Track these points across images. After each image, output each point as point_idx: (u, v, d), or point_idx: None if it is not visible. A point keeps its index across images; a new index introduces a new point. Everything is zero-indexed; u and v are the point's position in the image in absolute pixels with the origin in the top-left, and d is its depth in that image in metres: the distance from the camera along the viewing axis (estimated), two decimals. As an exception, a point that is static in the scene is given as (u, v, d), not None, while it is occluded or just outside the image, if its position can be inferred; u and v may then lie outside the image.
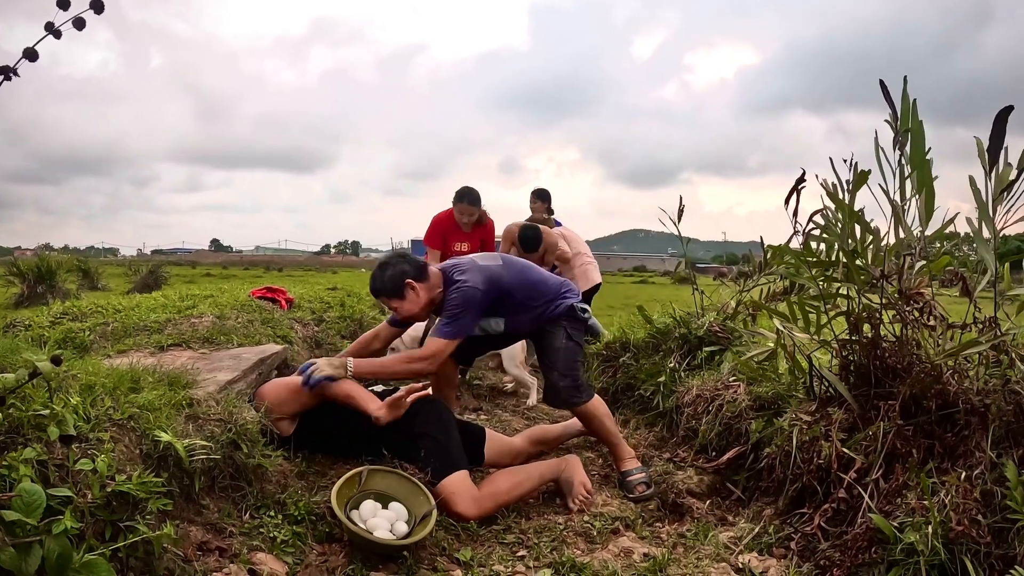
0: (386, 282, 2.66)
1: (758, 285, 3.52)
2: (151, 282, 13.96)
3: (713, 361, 3.36)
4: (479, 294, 2.64)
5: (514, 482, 2.52)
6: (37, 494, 1.18)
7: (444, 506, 2.29)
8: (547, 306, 2.82)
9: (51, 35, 1.31)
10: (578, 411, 2.82)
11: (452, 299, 2.64)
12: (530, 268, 2.93)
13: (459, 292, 2.64)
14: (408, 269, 2.67)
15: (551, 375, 2.81)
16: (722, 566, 1.97)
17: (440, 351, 2.61)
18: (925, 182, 2.13)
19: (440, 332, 2.62)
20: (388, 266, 2.69)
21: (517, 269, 2.85)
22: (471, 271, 2.70)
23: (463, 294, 2.63)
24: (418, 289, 2.67)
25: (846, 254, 2.24)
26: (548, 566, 2.00)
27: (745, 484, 2.52)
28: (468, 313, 2.64)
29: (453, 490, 2.33)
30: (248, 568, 1.71)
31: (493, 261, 2.83)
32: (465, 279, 2.66)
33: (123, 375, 1.93)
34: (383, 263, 2.74)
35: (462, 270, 2.71)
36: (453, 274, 2.72)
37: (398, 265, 2.68)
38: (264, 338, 3.36)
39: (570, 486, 2.55)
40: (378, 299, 2.82)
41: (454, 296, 2.64)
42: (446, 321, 2.64)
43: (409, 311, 2.71)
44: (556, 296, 2.85)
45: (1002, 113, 1.89)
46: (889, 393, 2.14)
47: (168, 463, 1.70)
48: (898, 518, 1.73)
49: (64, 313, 3.59)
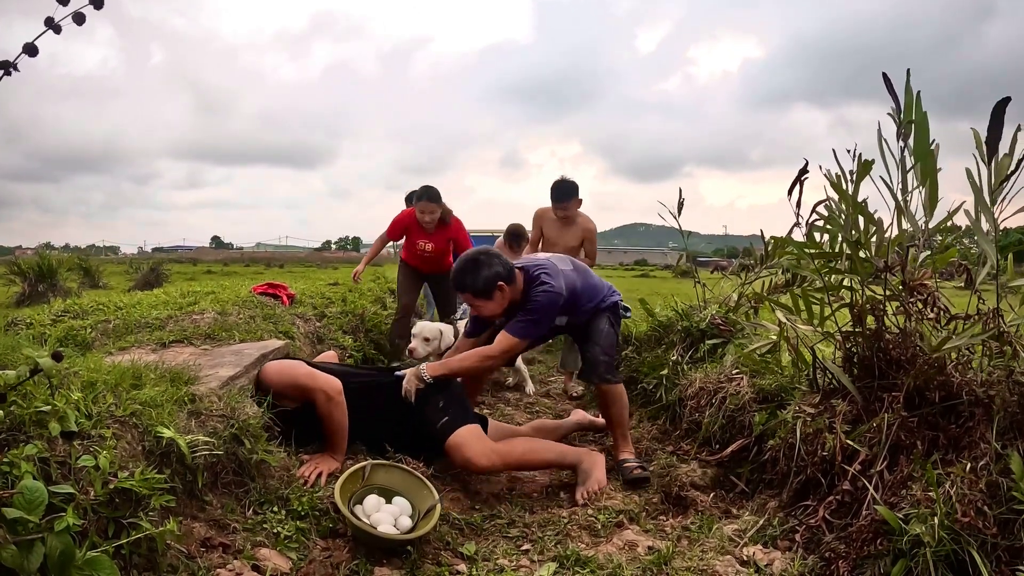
0: (479, 283, 2.65)
1: (760, 277, 3.51)
2: (152, 280, 13.98)
3: (716, 354, 3.36)
4: (561, 299, 2.72)
5: (529, 448, 2.57)
6: (39, 491, 1.17)
7: (455, 452, 2.40)
8: (600, 303, 2.95)
9: (51, 30, 1.30)
10: (607, 389, 2.88)
11: (537, 300, 2.68)
12: (589, 272, 3.05)
13: (545, 295, 2.68)
14: (502, 272, 2.66)
15: (593, 350, 2.90)
16: (727, 559, 1.97)
17: (513, 348, 2.70)
18: (928, 173, 2.11)
19: (517, 330, 2.67)
20: (483, 266, 2.66)
21: (582, 272, 2.96)
22: (555, 275, 2.74)
23: (549, 298, 2.68)
24: (506, 291, 2.69)
25: (850, 245, 2.23)
26: (552, 560, 2.00)
27: (749, 477, 2.51)
28: (549, 316, 2.73)
29: (465, 438, 2.41)
30: (252, 564, 1.71)
31: (567, 265, 2.91)
32: (549, 283, 2.70)
33: (125, 372, 1.92)
34: (475, 260, 2.69)
35: (547, 272, 2.74)
36: (539, 274, 2.73)
37: (493, 267, 2.66)
38: (266, 334, 3.35)
39: (586, 477, 2.57)
40: (461, 294, 2.82)
41: (540, 297, 2.68)
42: (526, 321, 2.68)
43: (492, 311, 2.75)
44: (607, 295, 3.02)
45: (1000, 104, 1.88)
46: (893, 385, 2.13)
47: (171, 459, 1.69)
48: (903, 510, 1.72)
49: (65, 311, 3.58)
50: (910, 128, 2.13)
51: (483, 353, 2.69)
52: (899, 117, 2.15)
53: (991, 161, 1.91)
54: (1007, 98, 1.88)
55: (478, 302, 2.71)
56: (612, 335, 2.97)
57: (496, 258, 2.70)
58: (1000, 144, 1.89)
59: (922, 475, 1.78)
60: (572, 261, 3.02)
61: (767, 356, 2.93)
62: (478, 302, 2.71)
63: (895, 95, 2.16)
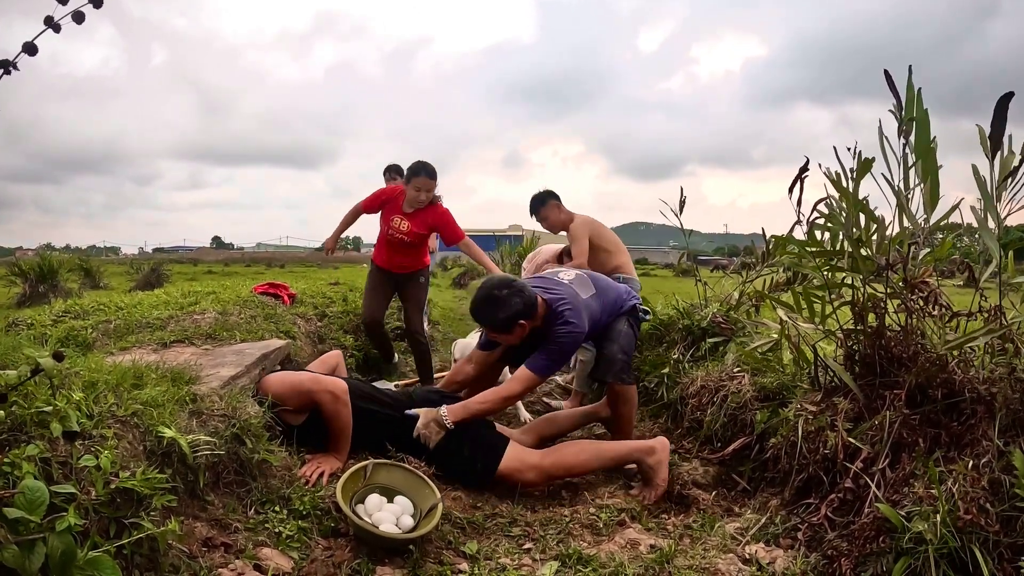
0: (499, 321, 2.63)
1: (761, 276, 3.51)
2: (153, 280, 13.99)
3: (717, 352, 3.36)
4: (582, 338, 2.72)
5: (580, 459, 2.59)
6: (40, 491, 1.17)
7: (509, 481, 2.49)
8: (619, 311, 2.96)
9: (50, 29, 1.29)
10: (620, 389, 2.87)
11: (561, 341, 2.64)
12: (609, 287, 3.02)
13: (568, 336, 2.65)
14: (522, 310, 2.61)
15: (611, 348, 2.88)
16: (729, 557, 1.97)
17: (531, 385, 2.71)
18: (930, 170, 2.11)
19: (537, 368, 2.63)
20: (502, 305, 2.61)
21: (602, 291, 2.94)
22: (578, 312, 2.69)
23: (572, 340, 2.67)
24: (527, 327, 2.67)
25: (851, 243, 2.23)
26: (554, 558, 2.00)
27: (751, 475, 2.51)
28: (569, 355, 2.76)
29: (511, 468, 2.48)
30: (254, 563, 1.71)
31: (587, 291, 2.88)
32: (574, 323, 2.65)
33: (126, 372, 1.92)
34: (495, 298, 2.62)
35: (570, 309, 2.68)
36: (562, 310, 2.68)
37: (514, 306, 2.60)
38: (267, 333, 3.35)
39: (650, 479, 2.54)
40: (480, 325, 2.83)
41: (564, 339, 2.64)
42: (547, 360, 2.64)
43: (510, 343, 2.76)
44: (625, 300, 3.01)
45: (1003, 100, 1.88)
46: (895, 382, 2.13)
47: (172, 459, 1.69)
48: (905, 507, 1.72)
49: (66, 311, 3.58)
50: (911, 125, 2.13)
51: (503, 394, 2.64)
52: (900, 114, 2.15)
53: (995, 157, 1.91)
54: (1010, 93, 1.87)
55: (499, 336, 2.73)
56: (631, 336, 2.96)
57: (518, 294, 2.63)
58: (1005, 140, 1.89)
59: (924, 473, 1.78)
60: (593, 281, 2.97)
61: (768, 354, 2.93)
62: (499, 336, 2.73)
63: (896, 92, 2.15)
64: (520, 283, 2.69)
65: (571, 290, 2.79)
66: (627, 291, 3.09)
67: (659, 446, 2.57)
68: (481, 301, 2.67)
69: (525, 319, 2.63)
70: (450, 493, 2.42)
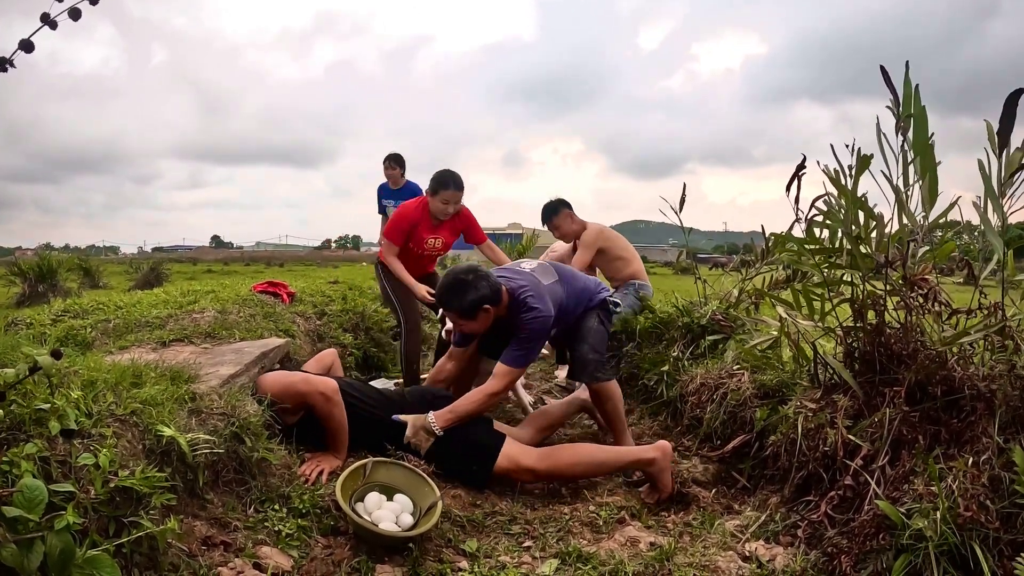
0: (464, 304, 2.66)
1: (760, 273, 3.51)
2: (152, 279, 13.98)
3: (716, 350, 3.35)
4: (550, 321, 2.72)
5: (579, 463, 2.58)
6: (39, 490, 1.17)
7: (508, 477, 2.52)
8: (588, 303, 2.97)
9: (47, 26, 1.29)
10: (598, 387, 2.88)
11: (529, 328, 2.67)
12: (576, 276, 3.04)
13: (535, 322, 2.67)
14: (488, 295, 2.66)
15: (582, 348, 2.89)
16: (729, 554, 1.97)
17: (512, 379, 2.70)
18: (928, 167, 2.11)
19: (512, 360, 2.67)
20: (469, 288, 2.64)
21: (567, 278, 2.96)
22: (540, 297, 2.72)
23: (540, 324, 2.69)
24: (491, 313, 2.70)
25: (850, 240, 2.23)
26: (554, 556, 2.00)
27: (750, 472, 2.51)
28: (542, 340, 2.75)
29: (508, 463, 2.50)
30: (253, 562, 1.71)
31: (550, 277, 2.89)
32: (538, 308, 2.68)
33: (125, 371, 1.92)
34: (462, 282, 2.67)
35: (532, 294, 2.72)
36: (524, 298, 2.71)
37: (481, 290, 2.65)
38: (266, 332, 3.34)
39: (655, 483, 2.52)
40: (445, 311, 2.86)
41: (532, 325, 2.67)
42: (520, 351, 2.68)
43: (473, 330, 2.79)
44: (595, 293, 3.01)
45: (1012, 96, 1.87)
46: (894, 380, 2.12)
47: (171, 458, 1.69)
48: (905, 504, 1.72)
49: (65, 311, 3.57)
50: (909, 122, 2.12)
51: (487, 391, 2.65)
52: (898, 111, 2.14)
53: (1002, 153, 1.90)
54: (1020, 89, 1.86)
55: (461, 321, 2.74)
56: (602, 332, 2.97)
57: (484, 279, 2.68)
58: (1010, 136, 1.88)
59: (924, 470, 1.78)
60: (556, 269, 2.99)
61: (768, 352, 2.92)
62: (461, 321, 2.74)
63: (893, 88, 2.15)
64: (485, 270, 2.74)
65: (532, 277, 2.82)
66: (596, 283, 3.08)
67: (660, 455, 2.50)
68: (447, 287, 2.70)
69: (490, 304, 2.67)
70: (450, 491, 2.41)
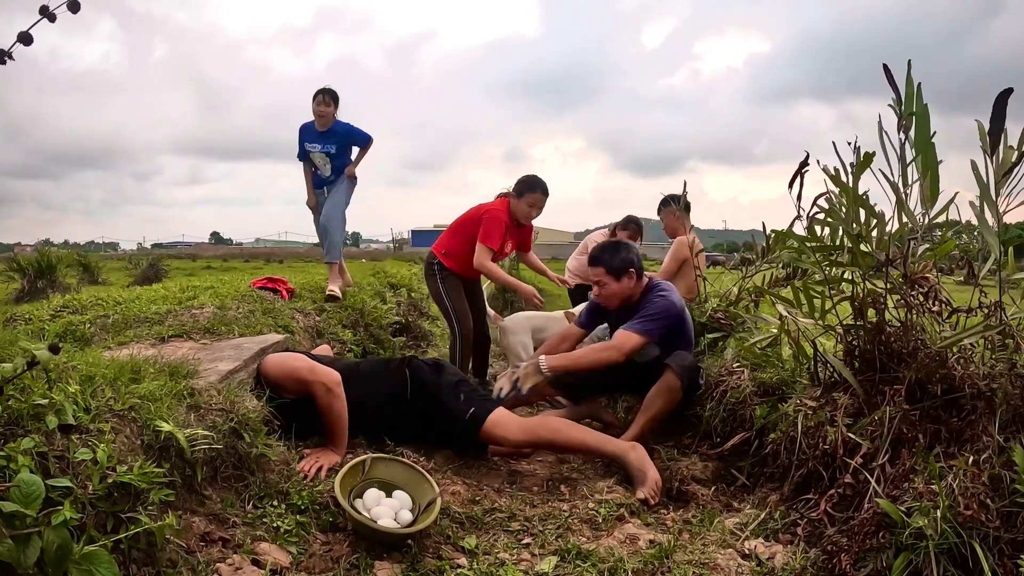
0: (615, 261, 2.95)
1: (761, 271, 3.51)
2: (151, 275, 13.97)
3: (716, 347, 3.35)
4: (677, 311, 2.91)
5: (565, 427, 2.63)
6: (36, 485, 1.16)
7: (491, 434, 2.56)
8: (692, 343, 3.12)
9: (46, 19, 1.28)
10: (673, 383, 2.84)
11: (656, 302, 2.89)
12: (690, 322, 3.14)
13: (663, 299, 2.89)
14: (636, 261, 2.98)
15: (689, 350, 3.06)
16: (728, 552, 1.96)
17: (629, 343, 2.82)
18: (929, 165, 2.10)
19: (635, 327, 2.84)
20: (624, 248, 3.00)
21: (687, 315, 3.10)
22: (672, 291, 3.01)
23: (667, 303, 2.89)
24: (632, 280, 2.96)
25: (850, 238, 2.22)
26: (553, 553, 1.99)
27: (750, 470, 2.51)
28: (663, 321, 2.87)
29: (498, 421, 2.55)
30: (252, 558, 1.70)
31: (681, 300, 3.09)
32: (667, 292, 2.97)
33: (123, 366, 1.91)
34: (617, 243, 3.08)
35: (666, 286, 3.02)
36: (659, 285, 3.02)
37: (632, 252, 2.99)
38: (265, 328, 3.34)
39: (643, 477, 2.50)
40: (594, 268, 3.01)
41: (659, 300, 2.90)
42: (644, 320, 2.85)
43: (612, 293, 2.99)
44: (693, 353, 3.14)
45: (1002, 95, 1.87)
46: (894, 378, 2.12)
47: (170, 453, 1.68)
48: (905, 503, 1.71)
49: (64, 306, 3.56)
50: (911, 120, 2.12)
51: (605, 347, 2.86)
52: (900, 109, 2.14)
53: (994, 153, 1.90)
54: (1009, 89, 1.87)
55: (607, 278, 2.95)
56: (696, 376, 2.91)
57: (635, 251, 3.02)
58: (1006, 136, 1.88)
59: (924, 468, 1.77)
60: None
61: (768, 349, 2.92)
62: (607, 278, 2.95)
63: (896, 87, 2.14)
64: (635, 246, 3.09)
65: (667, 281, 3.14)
66: None
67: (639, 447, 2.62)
68: (602, 247, 3.03)
69: (636, 271, 2.95)
70: (449, 488, 2.41)
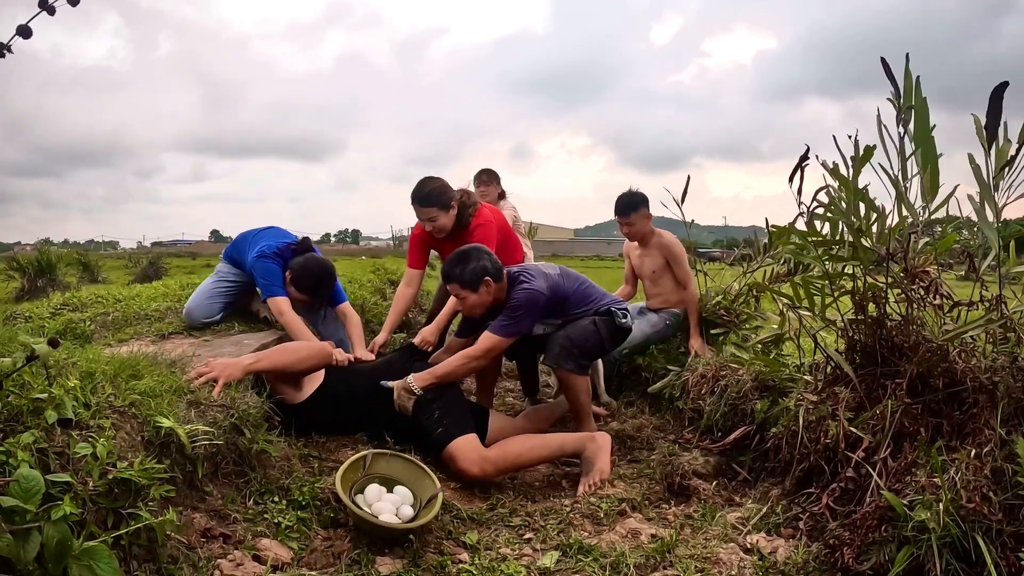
0: (466, 274, 2.74)
1: (762, 267, 3.50)
2: (151, 274, 13.94)
3: (717, 342, 3.35)
4: (543, 298, 2.77)
5: (526, 447, 2.57)
6: (35, 480, 1.16)
7: (449, 464, 2.44)
8: (590, 307, 2.95)
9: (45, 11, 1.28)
10: (561, 375, 2.91)
11: (516, 299, 2.75)
12: (591, 285, 3.06)
13: (525, 293, 2.75)
14: (489, 267, 2.76)
15: (559, 334, 2.89)
16: (730, 547, 1.96)
17: (495, 347, 2.74)
18: (929, 159, 2.09)
19: (498, 329, 2.73)
20: (471, 259, 2.76)
21: (576, 280, 3.00)
22: (537, 276, 2.82)
23: (529, 296, 2.75)
24: (491, 287, 2.76)
25: (851, 232, 2.21)
26: (555, 548, 1.99)
27: (751, 465, 2.51)
28: (529, 314, 2.76)
29: (458, 450, 2.44)
30: (253, 554, 1.70)
31: (554, 270, 2.97)
32: (531, 282, 2.78)
33: (124, 362, 1.91)
34: (466, 254, 2.79)
35: (528, 273, 2.86)
36: (519, 275, 2.83)
37: (482, 261, 2.76)
38: (265, 325, 3.34)
39: (589, 468, 2.54)
40: (448, 284, 2.87)
41: (519, 296, 2.75)
42: (506, 320, 2.75)
43: (474, 304, 2.80)
44: (604, 302, 2.99)
45: (998, 89, 1.86)
46: (896, 372, 2.12)
47: (170, 449, 1.68)
48: (908, 496, 1.71)
49: (64, 304, 3.56)
50: (910, 114, 2.11)
51: (467, 355, 2.73)
52: (899, 103, 2.13)
53: (991, 147, 1.89)
54: (1005, 83, 1.86)
55: (464, 292, 2.77)
56: (590, 333, 2.89)
57: (486, 255, 2.79)
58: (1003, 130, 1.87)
59: (926, 462, 1.77)
60: (565, 271, 3.04)
61: (769, 345, 2.92)
62: (464, 292, 2.77)
63: (894, 80, 2.13)
64: (488, 250, 2.86)
65: (536, 266, 2.95)
66: (612, 299, 3.04)
67: (599, 436, 2.66)
68: (451, 259, 2.82)
69: (491, 278, 2.75)
70: (450, 483, 2.41)
